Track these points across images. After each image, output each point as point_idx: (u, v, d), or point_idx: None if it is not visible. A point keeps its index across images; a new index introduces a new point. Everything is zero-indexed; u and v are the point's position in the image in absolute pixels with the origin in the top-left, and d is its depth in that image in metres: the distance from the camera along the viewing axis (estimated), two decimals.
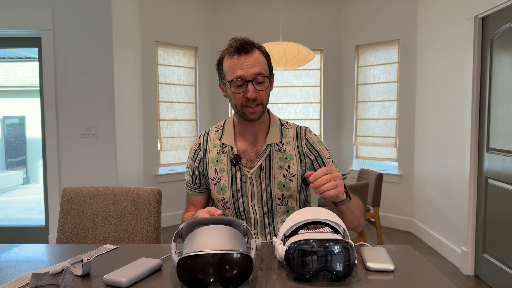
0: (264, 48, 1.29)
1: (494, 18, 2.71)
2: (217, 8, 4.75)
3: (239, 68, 1.21)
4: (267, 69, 1.25)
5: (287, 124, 1.38)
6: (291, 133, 1.35)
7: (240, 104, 1.24)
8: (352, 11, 4.62)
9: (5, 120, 7.15)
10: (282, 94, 4.82)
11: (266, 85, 1.24)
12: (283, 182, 1.30)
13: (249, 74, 1.20)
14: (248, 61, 1.21)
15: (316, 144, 1.35)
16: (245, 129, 1.33)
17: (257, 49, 1.25)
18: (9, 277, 0.98)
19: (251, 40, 1.26)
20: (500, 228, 2.63)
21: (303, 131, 1.37)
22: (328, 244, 0.88)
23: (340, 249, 0.88)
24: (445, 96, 3.39)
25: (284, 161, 1.31)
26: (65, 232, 1.50)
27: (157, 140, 4.37)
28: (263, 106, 1.25)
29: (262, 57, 1.24)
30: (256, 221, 1.30)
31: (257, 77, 1.21)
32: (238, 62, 1.21)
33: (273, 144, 1.32)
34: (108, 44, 3.35)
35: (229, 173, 1.31)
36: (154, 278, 0.95)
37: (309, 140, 1.35)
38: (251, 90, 1.20)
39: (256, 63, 1.21)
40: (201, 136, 1.41)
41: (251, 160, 1.32)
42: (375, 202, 3.28)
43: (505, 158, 2.56)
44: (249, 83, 1.20)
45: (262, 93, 1.23)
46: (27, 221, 5.06)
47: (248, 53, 1.22)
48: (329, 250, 0.88)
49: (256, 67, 1.21)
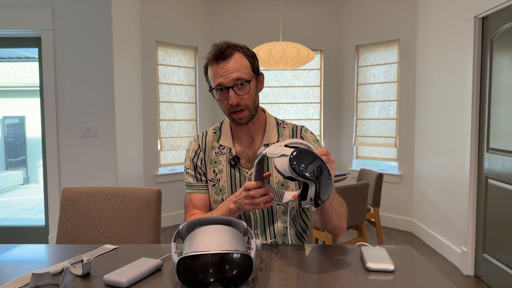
0: (248, 49, 1.27)
1: (494, 18, 2.71)
2: (217, 8, 4.75)
3: (218, 76, 1.20)
4: (249, 72, 1.23)
5: (283, 124, 1.38)
6: (287, 132, 1.35)
7: (227, 111, 1.25)
8: (352, 11, 4.62)
9: (5, 120, 7.15)
10: (282, 94, 4.82)
11: (247, 89, 1.22)
12: (282, 181, 1.30)
13: (228, 80, 1.19)
14: (227, 67, 1.20)
15: (311, 142, 1.34)
16: (240, 131, 1.33)
17: (238, 52, 1.23)
18: (9, 277, 0.98)
19: (231, 43, 1.24)
20: (500, 228, 2.63)
21: (299, 129, 1.37)
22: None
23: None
24: (445, 96, 3.39)
25: None
26: (65, 232, 1.50)
27: (157, 140, 4.37)
28: (249, 110, 1.24)
29: (243, 60, 1.22)
30: (256, 221, 1.30)
31: (237, 83, 1.20)
32: (217, 69, 1.21)
33: (270, 144, 1.31)
34: (108, 44, 3.35)
35: (228, 174, 1.31)
36: (154, 278, 0.95)
37: (304, 138, 1.35)
38: (232, 97, 1.19)
39: (235, 68, 1.20)
40: (199, 137, 1.40)
41: (249, 160, 1.32)
42: (375, 202, 3.28)
43: (505, 158, 2.56)
44: (229, 89, 1.20)
45: (245, 97, 1.22)
46: (27, 221, 5.06)
47: (227, 58, 1.20)
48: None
49: (235, 73, 1.19)
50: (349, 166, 4.74)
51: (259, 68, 1.30)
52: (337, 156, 4.86)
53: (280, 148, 0.98)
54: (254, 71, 1.26)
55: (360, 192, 2.73)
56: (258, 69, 1.28)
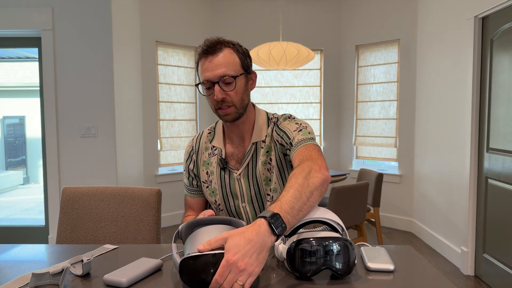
0: (241, 47, 1.24)
1: (494, 18, 2.71)
2: (217, 8, 4.75)
3: (205, 70, 1.19)
4: (237, 68, 1.20)
5: (273, 118, 1.32)
6: (271, 125, 1.30)
7: (214, 107, 1.22)
8: (352, 11, 4.62)
9: (5, 120, 7.15)
10: (282, 94, 4.82)
11: (233, 86, 1.19)
12: (269, 176, 1.27)
13: (214, 75, 1.17)
14: (214, 62, 1.17)
15: (283, 124, 1.26)
16: (231, 131, 1.31)
17: (228, 48, 1.20)
18: (9, 277, 0.98)
19: (223, 39, 1.22)
20: (500, 228, 2.63)
21: (278, 119, 1.30)
22: (328, 242, 0.88)
23: (340, 247, 0.89)
24: (445, 96, 3.39)
25: (266, 155, 1.27)
26: (65, 232, 1.50)
27: (157, 140, 4.37)
28: (236, 107, 1.20)
29: (232, 56, 1.19)
30: (249, 222, 1.30)
31: (223, 78, 1.17)
32: (205, 63, 1.19)
33: (259, 141, 1.29)
34: (108, 44, 3.35)
35: (218, 175, 1.31)
36: (154, 278, 0.95)
37: (279, 125, 1.27)
38: (217, 92, 1.17)
39: (223, 63, 1.17)
40: (194, 138, 1.41)
41: (239, 161, 1.30)
42: (375, 202, 3.28)
43: (505, 158, 2.56)
44: (215, 84, 1.18)
45: (231, 93, 1.19)
46: (27, 221, 5.06)
47: (215, 53, 1.18)
48: (329, 249, 0.88)
49: (221, 68, 1.17)
50: (349, 166, 4.74)
51: (251, 66, 1.27)
52: (337, 156, 4.86)
53: None
54: (244, 68, 1.23)
55: (360, 192, 2.73)
56: (249, 67, 1.25)
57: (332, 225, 1.01)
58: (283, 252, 0.94)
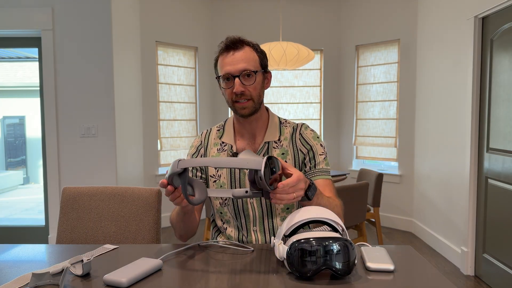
0: (259, 46, 1.31)
1: (494, 18, 2.71)
2: (217, 8, 4.75)
3: (227, 64, 1.24)
4: (256, 65, 1.27)
5: (286, 123, 1.40)
6: (288, 130, 1.37)
7: (231, 100, 1.27)
8: (352, 11, 4.62)
9: (5, 120, 7.16)
10: (282, 94, 4.82)
11: (253, 80, 1.25)
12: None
13: (235, 69, 1.23)
14: (236, 57, 1.24)
15: (310, 139, 1.35)
16: (243, 128, 1.35)
17: (249, 46, 1.27)
18: (9, 277, 0.98)
19: (243, 38, 1.28)
20: (500, 228, 2.63)
21: (299, 127, 1.38)
22: (328, 242, 0.89)
23: (340, 247, 0.89)
24: (445, 96, 3.39)
25: (282, 157, 1.32)
26: (65, 232, 1.50)
27: (157, 140, 4.37)
28: (253, 101, 1.26)
29: (252, 54, 1.26)
30: (255, 218, 1.31)
31: (244, 72, 1.23)
32: (227, 58, 1.25)
33: (271, 141, 1.33)
34: (108, 44, 3.35)
35: (228, 170, 1.33)
36: (154, 278, 0.95)
37: (303, 135, 1.36)
38: (237, 84, 1.22)
39: (244, 59, 1.24)
40: (202, 134, 1.43)
41: None
42: (375, 202, 3.28)
43: (505, 158, 2.56)
44: (236, 77, 1.23)
45: (250, 88, 1.25)
46: (27, 221, 5.06)
47: (237, 49, 1.25)
48: (329, 248, 0.89)
49: (243, 63, 1.23)
50: (349, 166, 4.74)
51: (267, 67, 1.33)
52: (337, 156, 4.86)
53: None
54: (262, 66, 1.29)
55: (360, 192, 2.73)
56: (266, 67, 1.32)
57: (332, 225, 1.01)
58: (283, 252, 0.94)
